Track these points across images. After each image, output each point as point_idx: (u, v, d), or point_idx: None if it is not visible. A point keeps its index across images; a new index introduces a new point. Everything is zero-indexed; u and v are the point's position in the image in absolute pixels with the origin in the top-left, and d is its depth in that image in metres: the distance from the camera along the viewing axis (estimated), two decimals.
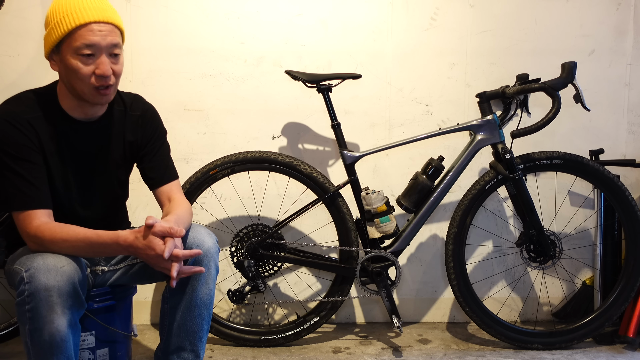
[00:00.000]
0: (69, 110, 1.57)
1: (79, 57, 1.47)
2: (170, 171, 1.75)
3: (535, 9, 2.49)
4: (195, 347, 1.63)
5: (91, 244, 1.46)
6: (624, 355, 2.19)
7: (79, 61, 1.48)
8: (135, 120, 1.69)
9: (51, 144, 1.55)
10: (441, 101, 2.51)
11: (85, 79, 1.49)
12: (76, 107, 1.57)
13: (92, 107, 1.59)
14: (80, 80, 1.49)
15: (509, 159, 2.17)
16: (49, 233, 1.45)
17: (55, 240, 1.45)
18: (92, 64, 1.48)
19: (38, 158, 1.51)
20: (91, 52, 1.48)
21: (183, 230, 1.45)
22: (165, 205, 1.70)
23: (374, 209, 2.18)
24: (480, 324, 2.25)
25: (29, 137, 1.49)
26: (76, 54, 1.47)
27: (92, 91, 1.51)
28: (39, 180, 1.50)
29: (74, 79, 1.50)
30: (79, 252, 1.48)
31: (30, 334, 1.38)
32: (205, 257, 1.58)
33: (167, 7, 2.41)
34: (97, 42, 1.47)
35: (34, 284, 1.36)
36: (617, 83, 2.54)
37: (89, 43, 1.47)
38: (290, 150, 2.50)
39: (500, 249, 2.56)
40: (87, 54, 1.47)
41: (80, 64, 1.48)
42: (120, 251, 1.48)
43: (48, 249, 1.45)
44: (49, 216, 1.50)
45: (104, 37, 1.48)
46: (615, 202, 2.25)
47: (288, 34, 2.45)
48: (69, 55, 1.48)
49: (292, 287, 2.53)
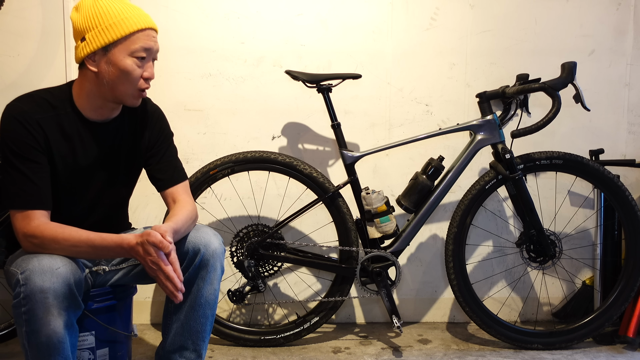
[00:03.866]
0: (84, 110, 1.58)
1: (133, 59, 1.52)
2: (177, 173, 1.75)
3: (535, 9, 2.49)
4: (197, 346, 1.63)
5: (94, 246, 1.46)
6: (624, 355, 2.19)
7: (134, 63, 1.52)
8: (142, 121, 1.71)
9: (60, 144, 1.55)
10: (441, 101, 2.51)
11: (135, 80, 1.54)
12: (95, 109, 1.59)
13: (112, 109, 1.62)
14: (129, 82, 1.54)
15: (509, 159, 2.17)
16: (49, 232, 1.45)
17: (57, 240, 1.44)
18: (142, 67, 1.54)
19: (43, 159, 1.52)
20: (145, 55, 1.54)
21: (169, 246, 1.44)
22: (171, 207, 1.71)
23: (374, 209, 2.18)
24: (480, 324, 2.25)
25: (35, 138, 1.50)
26: (132, 55, 1.52)
27: (135, 93, 1.57)
28: (42, 181, 1.50)
29: (122, 80, 1.53)
30: (80, 254, 1.48)
31: (27, 336, 1.38)
32: (211, 258, 1.59)
33: (167, 7, 2.41)
34: (152, 46, 1.55)
35: (29, 286, 1.36)
36: (617, 83, 2.54)
37: (147, 47, 1.54)
38: (290, 150, 2.50)
39: (500, 249, 2.56)
40: (142, 56, 1.53)
41: (135, 65, 1.53)
42: (123, 254, 1.48)
43: (47, 248, 1.45)
44: (47, 216, 1.50)
45: (155, 42, 1.58)
46: (615, 202, 2.25)
47: (288, 34, 2.45)
48: (123, 56, 1.52)
49: (292, 287, 2.53)
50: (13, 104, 1.52)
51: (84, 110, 1.58)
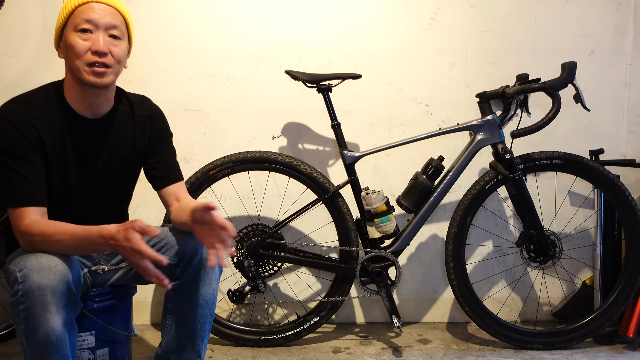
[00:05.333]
0: (73, 104, 1.58)
1: (77, 33, 1.51)
2: (177, 172, 1.75)
3: (535, 8, 2.49)
4: (197, 346, 1.63)
5: (77, 239, 1.43)
6: (624, 355, 2.19)
7: (77, 36, 1.51)
8: (142, 121, 1.70)
9: (54, 141, 1.55)
10: (441, 101, 2.51)
11: (80, 53, 1.50)
12: (81, 100, 1.57)
13: (95, 98, 1.58)
14: (76, 55, 1.51)
15: (509, 159, 2.17)
16: (38, 230, 1.45)
17: (44, 237, 1.44)
18: (89, 40, 1.51)
19: (36, 156, 1.51)
20: (88, 27, 1.50)
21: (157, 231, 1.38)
22: (173, 205, 1.70)
23: (374, 209, 2.18)
24: (480, 324, 2.25)
25: (27, 136, 1.50)
26: (75, 30, 1.51)
27: (85, 67, 1.51)
28: (36, 178, 1.50)
29: (72, 56, 1.51)
30: (68, 249, 1.45)
31: (26, 334, 1.38)
32: (209, 257, 1.58)
33: (167, 7, 2.41)
34: (94, 18, 1.51)
35: (27, 284, 1.36)
36: (617, 83, 2.54)
37: (87, 18, 1.50)
38: (290, 150, 2.50)
39: (500, 249, 2.56)
40: (84, 28, 1.50)
41: (78, 39, 1.50)
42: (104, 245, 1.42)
43: (38, 246, 1.44)
44: (42, 214, 1.50)
45: (102, 15, 1.52)
46: (615, 202, 2.25)
47: (288, 34, 2.45)
48: (69, 34, 1.52)
49: (292, 287, 2.53)
50: (4, 106, 1.53)
51: (73, 104, 1.58)
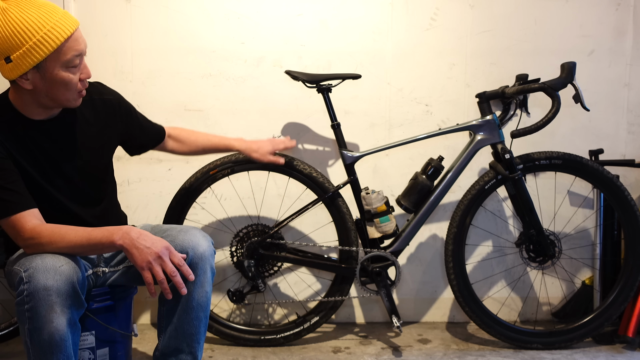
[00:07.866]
0: (29, 115, 1.55)
1: (70, 70, 1.48)
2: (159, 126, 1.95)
3: (535, 9, 2.50)
4: (192, 349, 1.63)
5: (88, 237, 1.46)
6: (623, 355, 2.19)
7: (70, 73, 1.48)
8: (104, 103, 1.71)
9: (17, 145, 1.53)
10: (441, 101, 2.51)
11: (74, 87, 1.51)
12: (40, 112, 1.56)
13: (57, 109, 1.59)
14: (69, 90, 1.50)
15: (508, 159, 2.17)
16: (46, 233, 1.45)
17: (54, 239, 1.45)
18: (78, 72, 1.51)
19: (8, 164, 1.49)
20: (79, 61, 1.50)
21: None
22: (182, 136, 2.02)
23: (373, 209, 2.18)
24: (480, 324, 2.25)
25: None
26: (67, 67, 1.47)
27: (75, 96, 1.54)
28: (16, 184, 1.48)
29: (62, 91, 1.50)
30: (76, 249, 1.47)
31: (30, 334, 1.39)
32: (200, 260, 1.57)
33: (167, 7, 2.41)
34: (82, 49, 1.50)
35: (32, 284, 1.36)
36: (617, 83, 2.54)
37: (77, 53, 1.48)
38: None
39: (499, 249, 2.56)
40: (77, 64, 1.49)
41: (71, 75, 1.49)
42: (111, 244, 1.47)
43: (45, 249, 1.45)
44: (38, 215, 1.50)
45: (84, 42, 1.52)
46: (614, 202, 2.25)
47: (288, 34, 2.45)
48: (58, 70, 1.47)
49: (292, 287, 2.53)
50: None
51: (28, 114, 1.55)
